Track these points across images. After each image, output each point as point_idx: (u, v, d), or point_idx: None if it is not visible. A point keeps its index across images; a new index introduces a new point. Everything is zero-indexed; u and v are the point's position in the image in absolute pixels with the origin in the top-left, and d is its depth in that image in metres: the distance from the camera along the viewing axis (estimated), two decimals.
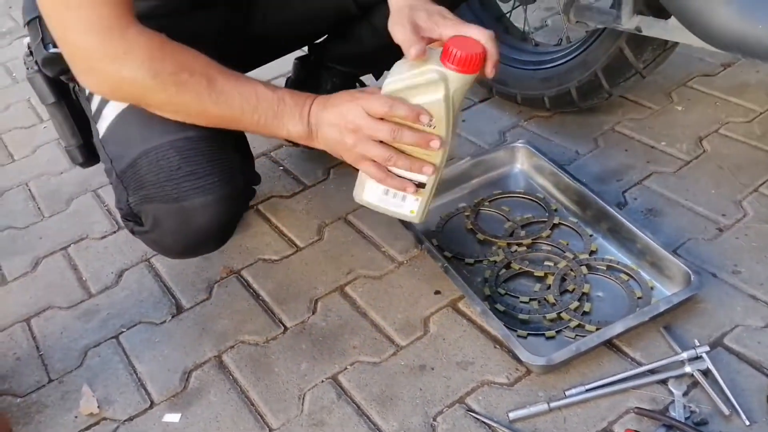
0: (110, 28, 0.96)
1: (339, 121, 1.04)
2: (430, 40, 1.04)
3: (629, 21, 1.39)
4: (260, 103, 1.04)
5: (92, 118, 1.20)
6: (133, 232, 1.21)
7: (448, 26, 1.02)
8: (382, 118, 1.02)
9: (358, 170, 1.11)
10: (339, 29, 1.47)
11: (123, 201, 1.14)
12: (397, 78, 1.02)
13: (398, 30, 1.03)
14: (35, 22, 1.20)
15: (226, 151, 1.13)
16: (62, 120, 1.28)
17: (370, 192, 1.13)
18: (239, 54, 1.23)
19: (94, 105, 1.17)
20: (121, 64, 0.98)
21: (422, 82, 1.00)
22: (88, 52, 0.98)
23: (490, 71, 1.03)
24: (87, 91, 1.19)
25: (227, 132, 1.13)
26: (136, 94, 1.03)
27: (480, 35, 1.01)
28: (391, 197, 1.12)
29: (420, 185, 1.09)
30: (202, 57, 1.03)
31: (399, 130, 1.01)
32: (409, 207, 1.13)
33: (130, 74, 0.99)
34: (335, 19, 1.42)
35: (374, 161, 1.06)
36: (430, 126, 1.02)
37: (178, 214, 1.09)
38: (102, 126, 1.16)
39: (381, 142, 1.04)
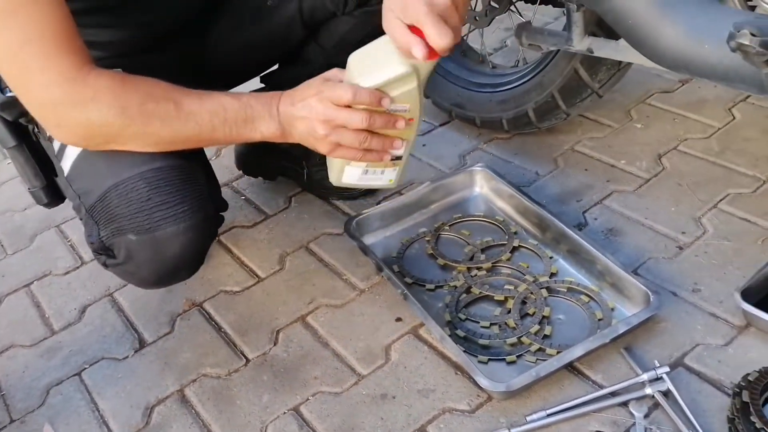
0: (72, 79, 0.99)
1: (308, 113, 1.05)
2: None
3: (580, 42, 1.40)
4: (228, 114, 1.07)
5: (55, 157, 1.20)
6: (105, 266, 1.20)
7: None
8: (348, 106, 1.03)
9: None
10: (289, 55, 1.48)
11: (94, 235, 1.14)
12: (369, 77, 1.02)
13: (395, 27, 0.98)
14: None
15: (195, 180, 1.14)
16: (24, 162, 1.28)
17: (349, 174, 1.15)
18: (196, 86, 1.24)
19: (57, 144, 1.19)
20: (89, 110, 1.01)
21: (397, 77, 1.01)
22: (56, 106, 1.01)
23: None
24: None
25: (194, 160, 1.14)
26: (109, 135, 1.05)
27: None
28: (371, 174, 1.15)
29: (396, 158, 1.12)
30: (163, 83, 1.06)
31: (371, 116, 1.03)
32: (388, 177, 1.17)
33: (99, 117, 1.02)
34: (285, 42, 1.42)
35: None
36: (406, 112, 1.06)
37: (151, 245, 1.10)
38: (66, 164, 1.17)
39: None
